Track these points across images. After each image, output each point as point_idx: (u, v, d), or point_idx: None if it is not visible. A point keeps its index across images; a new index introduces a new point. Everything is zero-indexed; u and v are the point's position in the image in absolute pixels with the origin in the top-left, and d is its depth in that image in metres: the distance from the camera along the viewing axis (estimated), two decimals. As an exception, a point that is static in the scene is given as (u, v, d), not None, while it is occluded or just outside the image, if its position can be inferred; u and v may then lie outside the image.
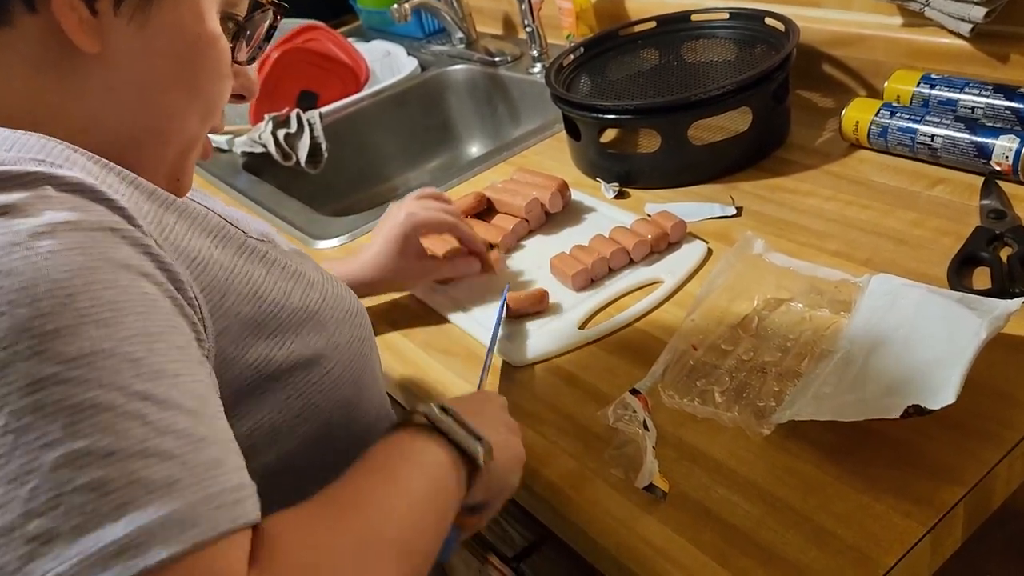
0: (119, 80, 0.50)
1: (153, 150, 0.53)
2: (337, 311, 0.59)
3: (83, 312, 0.37)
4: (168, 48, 0.50)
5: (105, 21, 0.48)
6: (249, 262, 0.53)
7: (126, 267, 0.41)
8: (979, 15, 0.91)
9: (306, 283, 0.57)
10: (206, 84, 0.53)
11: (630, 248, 0.87)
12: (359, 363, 0.60)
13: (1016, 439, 0.59)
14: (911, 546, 0.54)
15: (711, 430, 0.66)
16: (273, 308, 0.53)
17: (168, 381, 0.39)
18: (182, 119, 0.53)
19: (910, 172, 0.91)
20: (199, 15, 0.51)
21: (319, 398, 0.56)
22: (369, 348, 0.64)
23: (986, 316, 0.62)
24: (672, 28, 1.17)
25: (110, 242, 0.41)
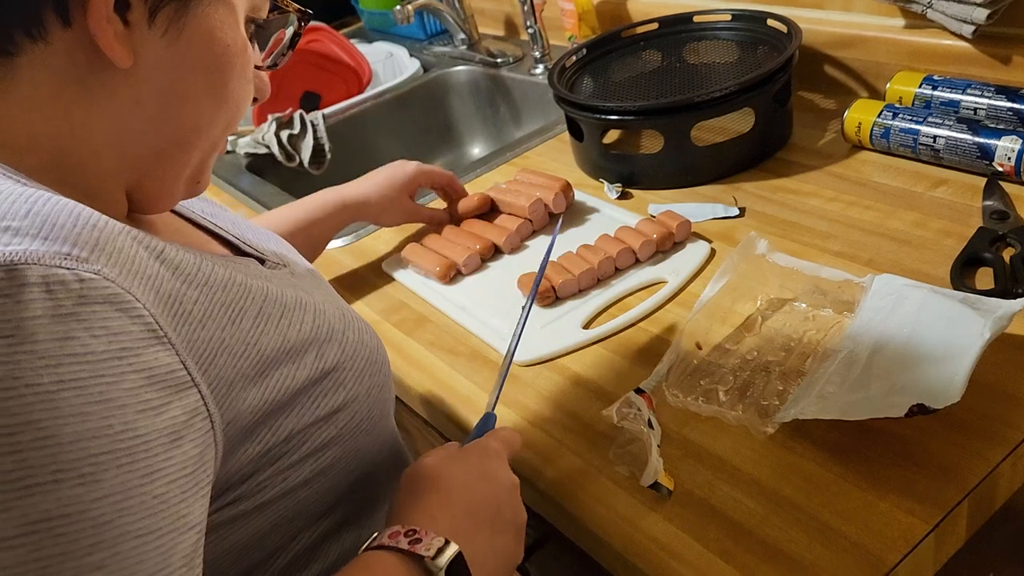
0: (147, 93, 0.49)
1: (177, 158, 0.53)
2: (358, 360, 0.58)
3: (65, 465, 0.38)
4: (199, 59, 0.50)
5: (138, 34, 0.47)
6: (265, 333, 0.52)
7: (124, 404, 0.40)
8: (981, 17, 0.91)
9: (325, 338, 0.56)
10: (233, 92, 0.52)
11: (636, 248, 0.88)
12: (377, 409, 0.60)
13: (1019, 438, 0.59)
14: (915, 544, 0.54)
15: (715, 429, 0.67)
16: (289, 383, 0.52)
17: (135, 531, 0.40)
18: (208, 128, 0.53)
19: (912, 173, 0.92)
20: (231, 23, 0.51)
21: (333, 447, 0.56)
22: (388, 393, 0.63)
23: (989, 316, 0.62)
24: (674, 29, 1.18)
25: (122, 368, 0.41)
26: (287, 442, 0.53)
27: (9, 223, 0.41)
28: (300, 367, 0.54)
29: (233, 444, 0.49)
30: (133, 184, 0.52)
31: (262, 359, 0.51)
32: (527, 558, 0.83)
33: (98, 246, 0.42)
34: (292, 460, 0.53)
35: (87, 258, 0.41)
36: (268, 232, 0.70)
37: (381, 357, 0.63)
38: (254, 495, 0.52)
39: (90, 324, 0.40)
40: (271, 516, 0.54)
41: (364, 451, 0.60)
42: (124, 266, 0.43)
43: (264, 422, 0.51)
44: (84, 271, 0.41)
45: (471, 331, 0.86)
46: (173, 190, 0.54)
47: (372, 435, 0.60)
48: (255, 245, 0.63)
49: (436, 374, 0.82)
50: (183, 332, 0.46)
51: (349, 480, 0.59)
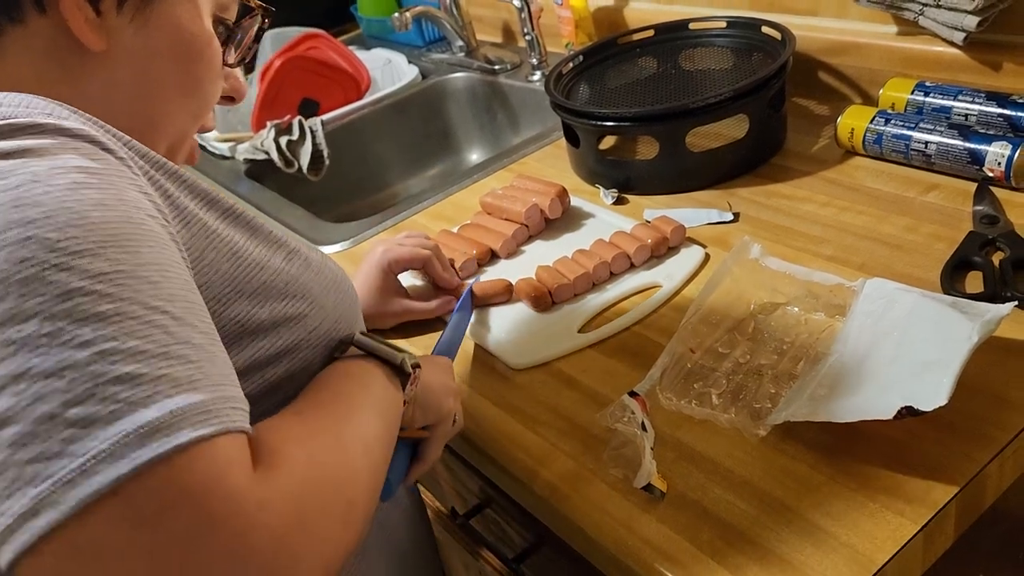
0: (120, 77, 0.53)
1: (146, 143, 0.54)
2: (321, 277, 0.60)
3: (104, 238, 0.40)
4: (166, 47, 0.54)
5: (109, 20, 0.51)
6: (232, 227, 0.54)
7: (137, 208, 0.43)
8: (972, 24, 0.92)
9: (289, 249, 0.58)
10: (200, 82, 0.56)
11: (631, 252, 0.89)
12: (344, 326, 0.61)
13: (1007, 439, 0.60)
14: (904, 544, 0.55)
15: (708, 431, 0.67)
16: (253, 270, 0.54)
17: (182, 304, 0.42)
18: (176, 115, 0.57)
19: (904, 178, 0.93)
20: (195, 16, 0.55)
21: (302, 351, 0.57)
22: (354, 314, 0.64)
23: (978, 320, 0.63)
24: (670, 36, 1.19)
25: (121, 185, 0.44)
26: (255, 333, 0.54)
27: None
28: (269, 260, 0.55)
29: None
30: None
31: (232, 250, 0.53)
32: (522, 561, 0.84)
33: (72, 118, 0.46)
34: (267, 353, 0.54)
35: (67, 118, 0.45)
36: None
37: (346, 283, 0.64)
38: None
39: (83, 152, 0.43)
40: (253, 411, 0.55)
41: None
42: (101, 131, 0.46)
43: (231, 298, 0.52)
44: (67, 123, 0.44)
45: (468, 335, 0.87)
46: None
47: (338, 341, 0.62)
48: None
49: (433, 378, 0.82)
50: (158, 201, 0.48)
51: None
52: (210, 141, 1.49)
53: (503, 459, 0.71)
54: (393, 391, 0.58)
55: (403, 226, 1.12)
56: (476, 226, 1.03)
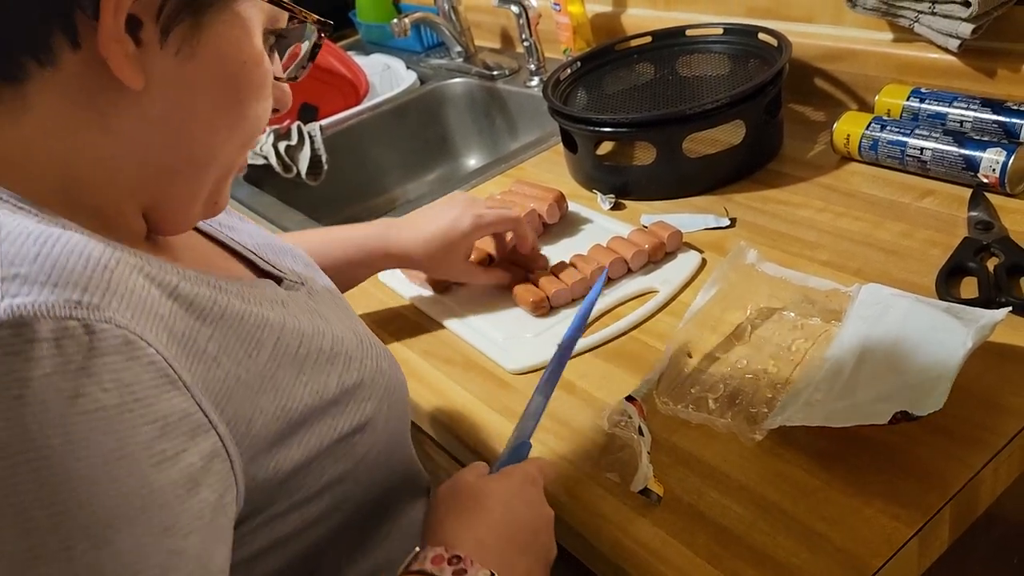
0: (159, 114, 0.47)
1: (191, 179, 0.51)
2: (376, 388, 0.57)
3: (76, 535, 0.38)
4: (213, 78, 0.48)
5: (150, 53, 0.46)
6: (283, 365, 0.51)
7: (137, 460, 0.40)
8: (967, 31, 0.93)
9: (343, 365, 0.55)
10: (250, 109, 0.51)
11: (628, 258, 0.89)
12: (394, 437, 0.59)
13: (1001, 444, 0.60)
14: (898, 548, 0.55)
15: (705, 436, 0.68)
16: (304, 412, 0.51)
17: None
18: (223, 147, 0.51)
19: (900, 184, 0.93)
20: (246, 37, 0.49)
21: (346, 480, 0.55)
22: (405, 421, 0.62)
23: (972, 326, 0.63)
24: (667, 43, 1.19)
25: (135, 421, 0.40)
26: (303, 471, 0.51)
27: (18, 269, 0.40)
28: (316, 395, 0.53)
29: (251, 477, 0.48)
30: (149, 206, 0.51)
31: (279, 391, 0.50)
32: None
33: (109, 289, 0.41)
34: (308, 493, 0.52)
35: (98, 304, 0.40)
36: (287, 246, 0.69)
37: (399, 384, 0.62)
38: (270, 529, 0.51)
39: (100, 378, 0.39)
40: (287, 553, 0.53)
41: (381, 481, 0.59)
42: (136, 308, 0.42)
43: (280, 452, 0.50)
44: (95, 320, 0.40)
45: (466, 340, 0.87)
46: (191, 212, 0.53)
47: (389, 466, 0.59)
48: (273, 262, 0.62)
49: (431, 383, 0.83)
50: (198, 371, 0.45)
51: (365, 512, 0.58)
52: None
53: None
54: None
55: (401, 231, 1.12)
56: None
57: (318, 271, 0.69)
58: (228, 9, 0.48)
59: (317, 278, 0.67)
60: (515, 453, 0.64)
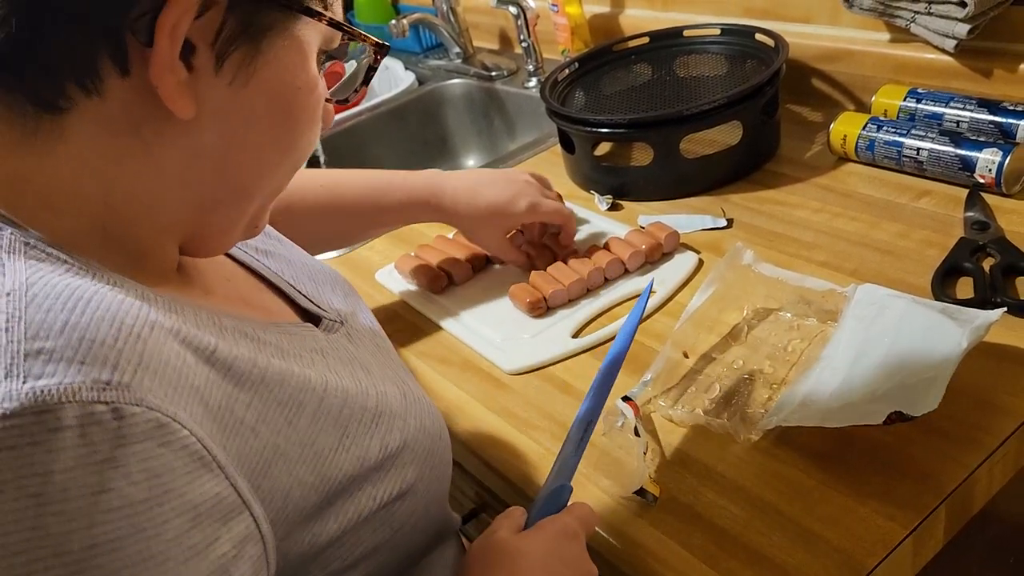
0: (208, 144, 0.44)
1: (235, 208, 0.49)
2: (418, 450, 0.53)
3: None
4: (268, 105, 0.45)
5: (203, 81, 0.43)
6: (324, 430, 0.47)
7: (167, 558, 0.36)
8: (963, 31, 0.93)
9: (386, 426, 0.51)
10: (301, 137, 0.48)
11: (625, 258, 0.89)
12: (434, 499, 0.56)
13: (996, 444, 0.61)
14: (893, 547, 0.56)
15: (701, 436, 0.68)
16: (344, 481, 0.48)
17: None
18: (272, 176, 0.49)
19: (896, 184, 0.93)
20: (303, 62, 0.46)
21: (382, 549, 0.52)
22: (445, 481, 0.58)
23: (967, 326, 0.64)
24: (665, 44, 1.19)
25: (165, 515, 0.37)
26: (338, 543, 0.48)
27: (43, 343, 0.36)
28: (358, 461, 0.49)
29: (283, 555, 0.45)
30: (188, 235, 0.49)
31: (319, 458, 0.47)
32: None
33: (142, 364, 0.38)
34: (342, 565, 0.49)
35: (129, 383, 0.36)
36: (326, 271, 0.66)
37: (442, 443, 0.58)
38: None
39: (128, 470, 0.35)
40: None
41: (418, 544, 0.55)
42: (170, 383, 0.39)
43: (317, 526, 0.46)
44: (125, 403, 0.36)
45: (463, 341, 0.87)
46: (230, 237, 0.51)
47: (426, 528, 0.56)
48: (313, 297, 0.59)
49: (428, 384, 0.83)
50: (234, 446, 0.42)
51: (398, 573, 0.54)
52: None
53: (498, 464, 0.72)
54: None
55: (400, 231, 1.12)
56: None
57: (359, 302, 0.66)
58: (287, 33, 0.45)
59: (358, 312, 0.63)
60: (553, 499, 0.58)
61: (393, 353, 0.64)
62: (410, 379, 0.60)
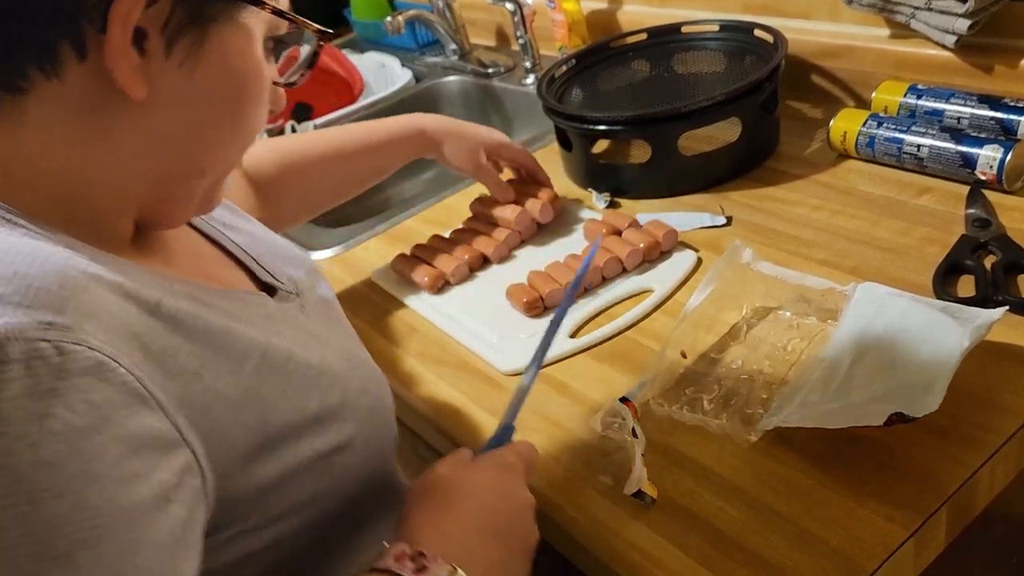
0: (161, 125, 0.48)
1: (189, 183, 0.53)
2: (359, 409, 0.57)
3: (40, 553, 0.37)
4: (217, 88, 0.49)
5: (154, 65, 0.46)
6: (267, 380, 0.51)
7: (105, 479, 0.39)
8: (963, 27, 0.92)
9: (326, 385, 0.55)
10: (252, 116, 0.52)
11: (623, 257, 0.88)
12: (374, 456, 0.59)
13: (998, 444, 0.60)
14: (894, 550, 0.55)
15: (699, 437, 0.67)
16: (283, 429, 0.51)
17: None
18: (224, 153, 0.53)
19: (897, 181, 0.93)
20: (248, 47, 0.50)
21: (322, 497, 0.54)
22: (387, 441, 0.62)
23: (969, 325, 0.63)
24: (663, 40, 1.19)
25: (104, 441, 0.40)
26: (278, 488, 0.51)
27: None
28: (297, 412, 0.52)
29: (224, 491, 0.48)
30: (145, 209, 0.53)
31: (262, 405, 0.50)
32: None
33: (84, 310, 0.41)
34: (283, 509, 0.52)
35: (71, 325, 0.40)
36: (292, 252, 0.69)
37: (384, 406, 0.61)
38: (244, 542, 0.51)
39: (69, 400, 0.39)
40: (261, 564, 0.52)
41: (359, 498, 0.58)
42: (110, 329, 0.42)
43: (256, 467, 0.49)
44: (66, 342, 0.39)
45: (459, 341, 0.86)
46: (186, 211, 0.55)
47: (369, 483, 0.59)
48: (271, 269, 0.63)
49: (424, 384, 0.82)
50: (174, 388, 0.45)
51: (342, 527, 0.57)
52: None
53: (494, 465, 0.71)
54: None
55: (396, 231, 1.12)
56: (468, 231, 1.02)
57: (320, 280, 0.69)
58: (232, 20, 0.48)
59: (317, 288, 0.67)
60: (497, 438, 0.62)
61: (346, 324, 0.68)
62: (359, 348, 0.65)
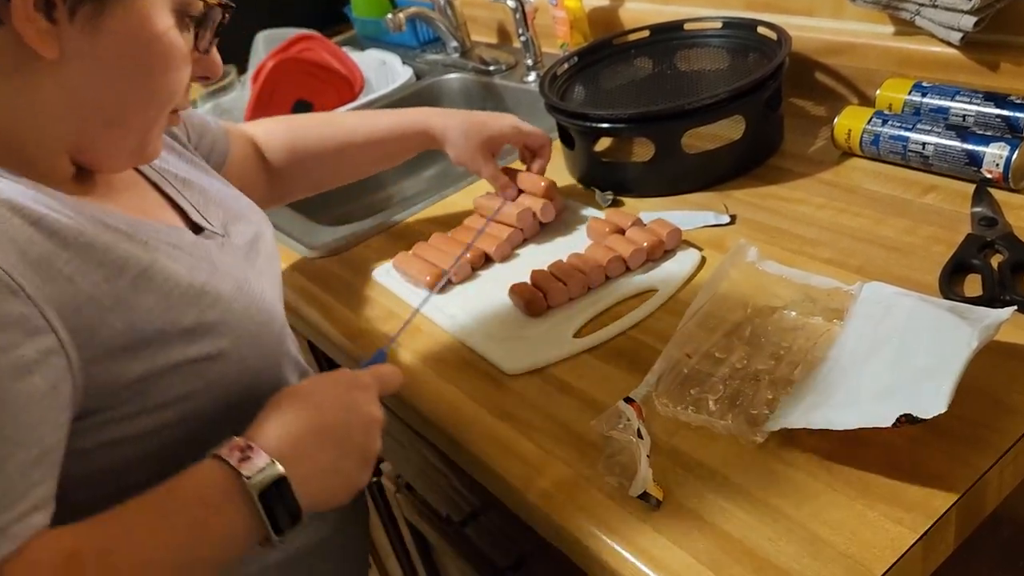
0: (76, 82, 0.57)
1: (114, 137, 0.61)
2: (236, 329, 0.63)
3: None
4: (120, 51, 0.57)
5: (63, 29, 0.54)
6: (142, 292, 0.58)
7: None
8: (969, 24, 0.91)
9: (207, 304, 0.62)
10: (159, 79, 0.60)
11: (627, 256, 0.88)
12: (254, 371, 0.65)
13: (1007, 445, 0.59)
14: (903, 553, 0.54)
15: (705, 438, 0.66)
16: (154, 334, 0.58)
17: None
18: (140, 110, 0.61)
19: (902, 180, 0.92)
20: (148, 19, 0.57)
21: (197, 396, 0.61)
22: (269, 364, 0.67)
23: (977, 325, 0.62)
24: (665, 37, 1.18)
25: None
26: (148, 382, 0.58)
27: None
28: (170, 323, 0.59)
29: (91, 377, 0.55)
30: (74, 153, 0.61)
31: (133, 312, 0.57)
32: (516, 569, 0.83)
33: None
34: (156, 402, 0.59)
35: None
36: (242, 205, 0.78)
37: (267, 330, 0.67)
38: (117, 427, 0.58)
39: None
40: (137, 450, 0.60)
41: (240, 405, 0.63)
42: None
43: (125, 362, 0.57)
44: None
45: (461, 340, 0.86)
46: (116, 158, 0.63)
47: (250, 393, 0.64)
48: (204, 213, 0.71)
49: (426, 383, 0.82)
50: (48, 288, 0.52)
51: (218, 428, 0.61)
52: (203, 143, 1.48)
53: (497, 466, 0.71)
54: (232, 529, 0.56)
55: (397, 230, 1.11)
56: (470, 229, 1.02)
57: (263, 236, 0.76)
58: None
59: (244, 232, 0.73)
60: (370, 361, 0.72)
61: (263, 266, 0.74)
62: (261, 283, 0.70)
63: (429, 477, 0.96)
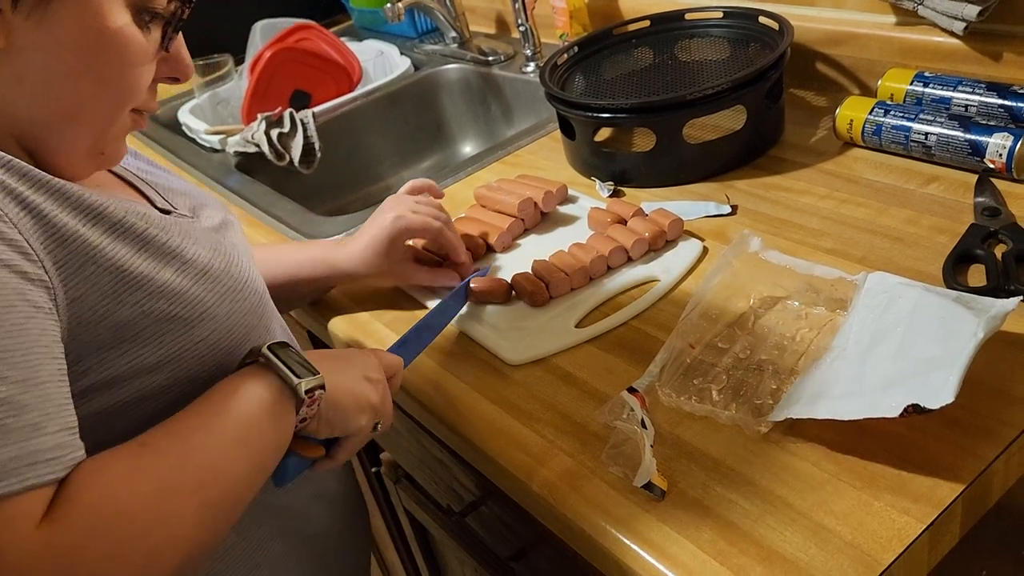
0: (26, 71, 0.55)
1: (68, 132, 0.58)
2: (219, 286, 0.63)
3: None
4: (70, 42, 0.55)
5: (7, 18, 0.53)
6: (118, 241, 0.57)
7: None
8: (972, 14, 0.91)
9: (183, 261, 0.61)
10: (113, 74, 0.57)
11: (628, 246, 0.87)
12: (239, 336, 0.64)
13: (1013, 435, 0.59)
14: (909, 543, 0.54)
15: (709, 428, 0.66)
16: (135, 283, 0.57)
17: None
18: (93, 106, 0.58)
19: (904, 170, 0.92)
20: (98, 12, 0.55)
21: (186, 360, 0.61)
22: (254, 322, 0.67)
23: (983, 316, 0.62)
24: (666, 27, 1.17)
25: None
26: (135, 333, 0.57)
27: None
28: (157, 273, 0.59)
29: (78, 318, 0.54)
30: (31, 150, 0.58)
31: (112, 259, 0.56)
32: (518, 560, 0.83)
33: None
34: (149, 361, 0.58)
35: None
36: (208, 198, 0.75)
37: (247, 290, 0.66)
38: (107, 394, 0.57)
39: None
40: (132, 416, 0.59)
41: (230, 368, 0.63)
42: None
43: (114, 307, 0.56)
44: None
45: (463, 331, 0.85)
46: (74, 160, 0.60)
47: (240, 352, 0.64)
48: (171, 201, 0.69)
49: (428, 374, 0.81)
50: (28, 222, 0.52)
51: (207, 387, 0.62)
52: (200, 134, 1.47)
53: (500, 456, 0.70)
54: (277, 415, 0.59)
55: (396, 220, 1.10)
56: (471, 219, 1.01)
57: (229, 225, 0.74)
58: None
59: (213, 216, 0.72)
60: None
61: (233, 239, 0.72)
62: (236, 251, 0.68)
63: (429, 467, 0.96)
